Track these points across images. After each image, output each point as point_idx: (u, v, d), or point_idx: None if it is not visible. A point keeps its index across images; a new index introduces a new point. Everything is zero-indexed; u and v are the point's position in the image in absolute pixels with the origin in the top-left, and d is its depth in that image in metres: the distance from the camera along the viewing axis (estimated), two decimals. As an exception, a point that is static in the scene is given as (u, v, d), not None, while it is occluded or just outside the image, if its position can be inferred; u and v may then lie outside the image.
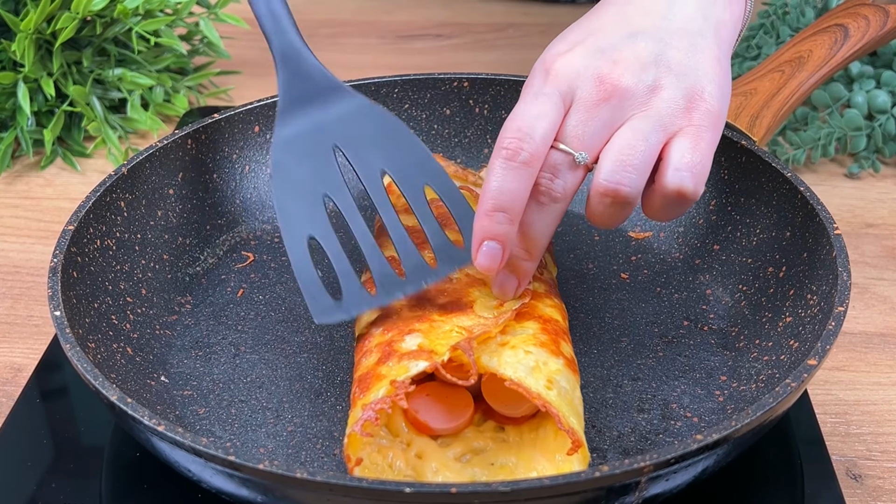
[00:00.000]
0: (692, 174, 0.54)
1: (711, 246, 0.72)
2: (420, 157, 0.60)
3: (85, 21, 0.90)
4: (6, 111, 0.90)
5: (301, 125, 0.61)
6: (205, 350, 0.66)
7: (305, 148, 0.60)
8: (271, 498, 0.49)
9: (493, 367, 0.55)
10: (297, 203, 0.59)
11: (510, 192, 0.54)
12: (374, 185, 0.59)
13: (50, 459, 0.61)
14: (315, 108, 0.61)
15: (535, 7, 1.24)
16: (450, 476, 0.55)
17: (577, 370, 0.58)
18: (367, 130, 0.60)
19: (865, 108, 0.90)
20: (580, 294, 0.70)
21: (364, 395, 0.54)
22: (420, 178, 0.59)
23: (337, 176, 0.59)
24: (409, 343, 0.56)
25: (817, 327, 0.58)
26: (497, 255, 0.55)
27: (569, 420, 0.53)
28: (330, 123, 0.61)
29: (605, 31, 0.57)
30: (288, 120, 0.61)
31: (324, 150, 0.60)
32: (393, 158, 0.59)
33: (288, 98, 0.62)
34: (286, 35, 0.63)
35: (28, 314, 0.75)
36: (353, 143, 0.60)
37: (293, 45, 0.63)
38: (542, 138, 0.54)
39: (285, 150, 0.60)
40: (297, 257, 0.58)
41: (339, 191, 0.59)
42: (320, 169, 0.59)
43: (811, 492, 0.59)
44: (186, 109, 0.97)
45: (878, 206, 0.86)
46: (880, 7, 0.77)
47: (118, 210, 0.68)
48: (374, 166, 0.59)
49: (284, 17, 0.64)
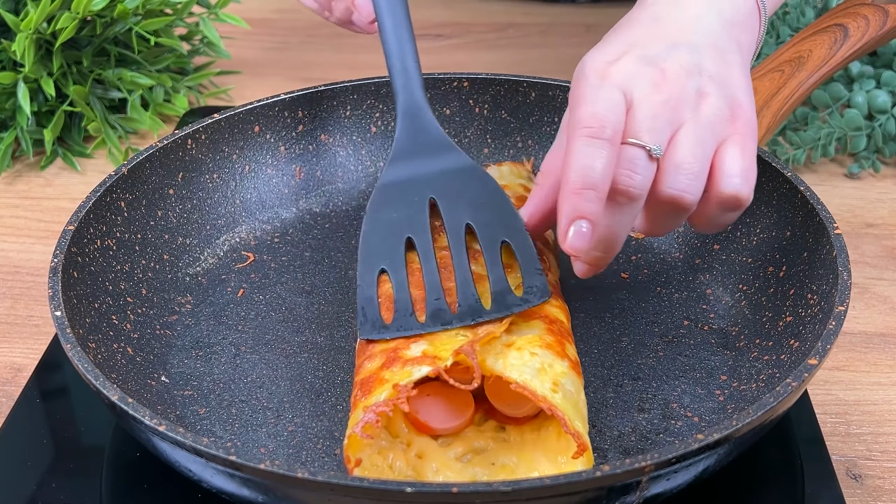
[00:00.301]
0: (745, 180, 0.55)
1: (711, 246, 0.72)
2: (506, 215, 0.63)
3: (85, 21, 0.90)
4: (6, 111, 0.90)
5: (406, 174, 0.66)
6: (205, 350, 0.66)
7: (403, 195, 0.65)
8: (272, 498, 0.49)
9: (498, 370, 0.55)
10: (381, 239, 0.63)
11: (598, 169, 0.52)
12: (455, 235, 0.62)
13: (50, 459, 0.61)
14: (422, 161, 0.66)
15: (535, 7, 1.24)
16: (451, 476, 0.55)
17: (580, 373, 0.58)
18: (464, 187, 0.65)
19: (865, 108, 0.90)
20: (580, 294, 0.70)
21: (366, 398, 0.54)
22: (500, 233, 0.62)
23: (424, 222, 0.64)
24: (414, 350, 0.57)
25: (818, 327, 0.58)
26: (588, 236, 0.53)
27: (574, 423, 0.53)
28: (432, 176, 0.65)
29: (646, 43, 0.58)
30: (396, 167, 0.66)
31: (420, 200, 0.64)
32: (480, 214, 0.63)
33: (401, 148, 0.67)
34: (413, 93, 0.68)
35: (28, 314, 0.75)
36: (447, 197, 0.64)
37: (417, 102, 0.68)
38: (619, 122, 0.54)
39: (385, 193, 0.65)
40: (364, 279, 0.61)
41: (423, 233, 0.63)
42: (413, 215, 0.64)
43: (811, 492, 0.59)
44: (186, 109, 0.97)
45: (878, 206, 0.86)
46: (880, 7, 0.77)
47: (118, 210, 0.68)
48: (461, 219, 0.63)
49: (415, 76, 0.69)
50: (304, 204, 0.79)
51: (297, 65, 1.12)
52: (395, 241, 0.63)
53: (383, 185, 0.65)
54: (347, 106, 0.81)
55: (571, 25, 1.21)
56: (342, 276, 0.72)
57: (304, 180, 0.80)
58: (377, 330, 0.59)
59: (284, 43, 1.17)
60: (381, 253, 0.63)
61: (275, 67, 1.11)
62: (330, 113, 0.81)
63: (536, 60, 1.13)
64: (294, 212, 0.78)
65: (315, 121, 0.80)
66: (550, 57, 1.14)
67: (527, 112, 0.81)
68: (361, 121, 0.82)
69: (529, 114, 0.81)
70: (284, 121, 0.79)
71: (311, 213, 0.79)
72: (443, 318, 0.59)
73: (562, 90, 0.80)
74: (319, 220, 0.78)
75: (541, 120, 0.81)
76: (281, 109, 0.79)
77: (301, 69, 1.11)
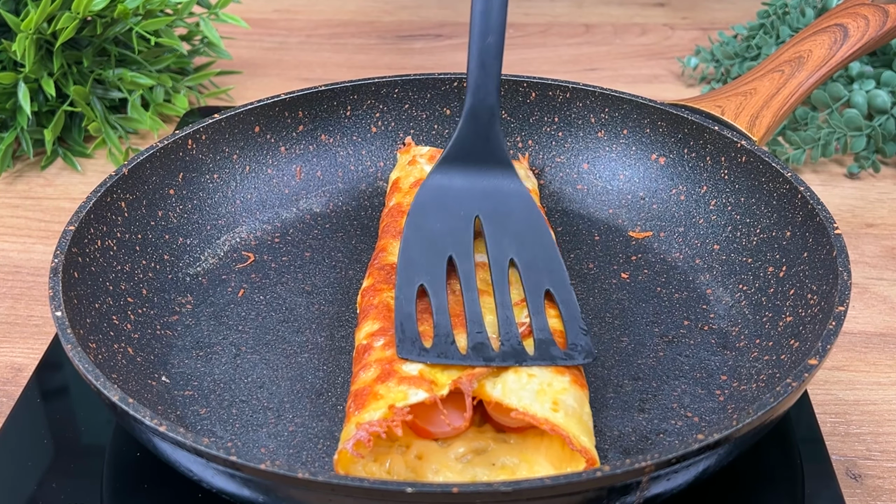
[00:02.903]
0: None
1: (711, 246, 0.72)
2: (551, 261, 0.61)
3: (85, 21, 0.90)
4: (7, 111, 0.90)
5: (457, 180, 0.63)
6: (206, 350, 0.66)
7: (450, 204, 0.62)
8: (273, 498, 0.49)
9: (497, 397, 0.55)
10: (423, 249, 0.60)
11: None
12: (499, 270, 0.60)
13: (50, 459, 0.61)
14: (477, 171, 0.63)
15: (535, 7, 1.24)
16: (451, 476, 0.55)
17: (584, 384, 0.58)
18: (512, 214, 0.62)
19: (865, 107, 0.90)
20: (580, 294, 0.70)
21: (359, 413, 0.54)
22: (545, 279, 0.60)
23: (469, 243, 0.61)
24: (410, 367, 0.56)
25: (818, 327, 0.58)
26: None
27: (580, 440, 0.53)
28: (483, 192, 0.62)
29: None
30: (448, 168, 0.63)
31: (466, 215, 0.61)
32: (525, 252, 0.60)
33: (457, 149, 0.63)
34: (488, 95, 0.64)
35: (28, 314, 0.75)
36: (494, 222, 0.61)
37: (490, 107, 0.64)
38: None
39: (432, 194, 0.62)
40: (403, 292, 0.59)
41: (465, 257, 0.60)
42: (456, 230, 0.61)
43: (811, 492, 0.59)
44: (187, 109, 0.97)
45: (878, 206, 0.86)
46: (880, 7, 0.77)
47: (119, 210, 0.68)
48: (505, 251, 0.60)
49: (493, 76, 0.64)
50: (305, 204, 0.79)
51: (297, 65, 1.12)
52: (437, 258, 0.60)
53: (432, 186, 0.63)
54: (347, 106, 0.81)
55: (571, 25, 1.21)
56: (342, 276, 0.72)
57: (304, 180, 0.80)
58: (417, 351, 0.56)
59: (284, 43, 1.17)
60: (422, 267, 0.60)
61: (275, 67, 1.11)
62: (330, 113, 0.81)
63: (536, 60, 1.13)
64: (294, 212, 0.78)
65: (315, 121, 0.80)
66: (550, 57, 1.14)
67: (527, 112, 0.81)
68: (361, 121, 0.82)
69: (529, 114, 0.81)
70: (284, 121, 0.79)
71: (312, 213, 0.79)
72: (485, 353, 0.56)
73: (562, 90, 0.80)
74: (320, 220, 0.78)
75: (541, 120, 0.81)
76: (281, 109, 0.79)
77: (301, 69, 1.11)
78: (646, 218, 0.77)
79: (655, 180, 0.77)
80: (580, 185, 0.80)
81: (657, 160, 0.78)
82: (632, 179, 0.78)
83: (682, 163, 0.76)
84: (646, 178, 0.78)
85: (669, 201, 0.76)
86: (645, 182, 0.78)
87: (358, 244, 0.76)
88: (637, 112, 0.78)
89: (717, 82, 1.05)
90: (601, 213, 0.78)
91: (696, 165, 0.75)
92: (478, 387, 0.55)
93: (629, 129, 0.79)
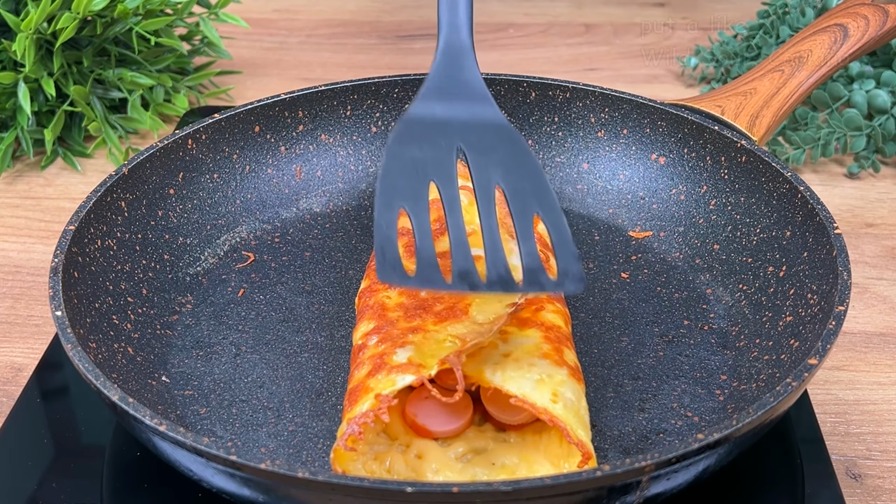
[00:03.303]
0: None
1: (711, 246, 0.72)
2: (539, 187, 0.58)
3: (85, 21, 0.90)
4: (7, 111, 0.90)
5: (436, 112, 0.60)
6: (206, 350, 0.66)
7: (430, 135, 0.59)
8: (273, 498, 0.49)
9: (497, 383, 0.55)
10: (402, 176, 0.57)
11: None
12: (485, 194, 0.58)
13: (50, 459, 0.61)
14: (455, 104, 0.61)
15: (535, 7, 1.24)
16: (451, 476, 0.55)
17: (581, 378, 0.58)
18: (496, 145, 0.60)
19: (865, 107, 0.90)
20: (580, 294, 0.70)
21: (351, 409, 0.54)
22: (533, 204, 0.57)
23: (451, 169, 0.58)
24: (400, 356, 0.56)
25: (818, 326, 0.58)
26: None
27: (577, 433, 0.53)
28: (464, 124, 0.60)
29: None
30: (426, 103, 0.61)
31: (447, 144, 0.59)
32: (511, 178, 0.58)
33: (434, 85, 0.62)
34: (460, 32, 0.64)
35: (29, 314, 0.75)
36: (477, 151, 0.59)
37: (462, 43, 0.63)
38: None
39: (411, 127, 0.59)
40: (383, 217, 0.55)
41: (448, 182, 0.57)
42: (438, 158, 0.58)
43: (811, 492, 0.59)
44: (187, 109, 0.97)
45: (878, 206, 0.86)
46: (879, 6, 0.77)
47: (119, 210, 0.68)
48: (490, 178, 0.58)
49: (464, 15, 0.64)
50: (305, 204, 0.79)
51: (297, 65, 1.12)
52: (418, 183, 0.57)
53: (409, 119, 0.60)
54: (347, 106, 0.81)
55: (571, 25, 1.21)
56: (342, 276, 0.72)
57: (304, 180, 0.80)
58: (398, 275, 0.53)
59: (284, 43, 1.17)
60: (403, 192, 0.56)
61: (275, 67, 1.11)
62: (330, 113, 0.81)
63: (536, 60, 1.13)
64: (294, 212, 0.78)
65: (315, 121, 0.80)
66: (550, 57, 1.14)
67: (527, 112, 0.81)
68: (361, 121, 0.82)
69: (529, 114, 0.81)
70: (284, 121, 0.79)
71: (312, 213, 0.79)
72: (470, 280, 0.53)
73: (562, 90, 0.80)
74: (320, 220, 0.78)
75: (541, 120, 0.81)
76: (281, 109, 0.79)
77: (301, 69, 1.11)
78: (646, 218, 0.77)
79: (655, 180, 0.77)
80: (580, 185, 0.80)
81: (657, 160, 0.78)
82: (632, 179, 0.78)
83: (682, 162, 0.76)
84: (646, 177, 0.78)
85: (669, 201, 0.76)
86: (645, 182, 0.78)
87: (358, 244, 0.76)
88: (637, 112, 0.78)
89: (717, 82, 1.05)
90: (601, 213, 0.78)
91: (696, 165, 0.75)
92: (476, 373, 0.55)
93: (629, 128, 0.79)
